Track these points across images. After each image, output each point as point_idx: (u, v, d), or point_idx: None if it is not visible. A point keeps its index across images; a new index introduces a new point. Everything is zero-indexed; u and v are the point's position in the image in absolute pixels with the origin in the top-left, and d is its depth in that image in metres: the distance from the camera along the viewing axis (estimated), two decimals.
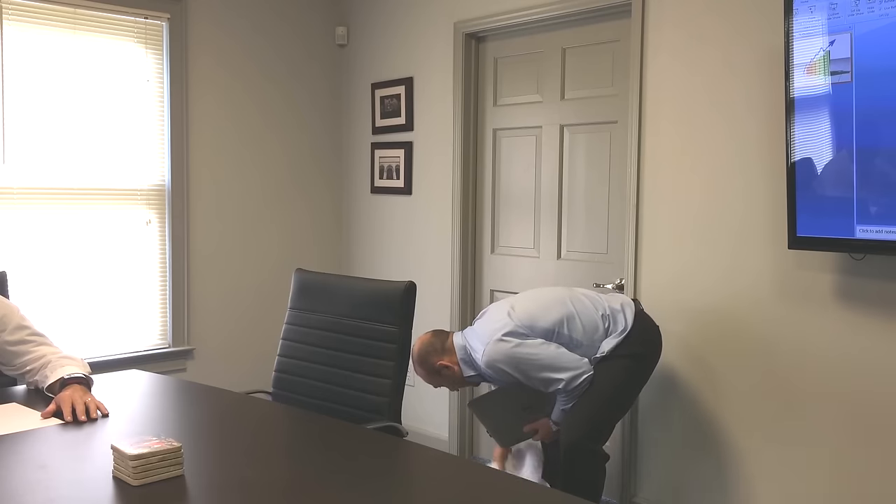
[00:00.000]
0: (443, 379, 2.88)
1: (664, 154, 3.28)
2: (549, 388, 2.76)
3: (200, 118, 4.20)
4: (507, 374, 2.74)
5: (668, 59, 3.25)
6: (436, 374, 2.86)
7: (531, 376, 2.74)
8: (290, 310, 2.80)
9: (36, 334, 2.34)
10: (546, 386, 2.76)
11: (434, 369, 2.84)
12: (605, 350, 2.80)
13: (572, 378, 2.73)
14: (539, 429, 2.90)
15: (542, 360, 2.74)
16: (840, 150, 2.59)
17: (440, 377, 2.87)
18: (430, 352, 2.85)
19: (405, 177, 4.39)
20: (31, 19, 3.63)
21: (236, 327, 4.37)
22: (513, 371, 2.73)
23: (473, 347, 2.81)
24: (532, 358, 2.73)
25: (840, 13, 2.53)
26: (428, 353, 2.85)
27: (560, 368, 2.74)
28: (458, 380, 2.88)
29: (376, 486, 1.69)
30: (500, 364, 2.73)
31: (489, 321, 2.84)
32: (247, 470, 1.73)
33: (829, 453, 2.86)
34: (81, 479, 1.70)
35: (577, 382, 2.74)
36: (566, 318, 2.80)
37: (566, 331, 2.79)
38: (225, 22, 4.28)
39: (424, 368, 2.86)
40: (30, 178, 3.67)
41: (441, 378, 2.88)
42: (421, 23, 4.27)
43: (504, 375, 2.75)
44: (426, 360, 2.85)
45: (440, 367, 2.84)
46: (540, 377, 2.74)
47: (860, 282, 2.76)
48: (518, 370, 2.73)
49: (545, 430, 2.90)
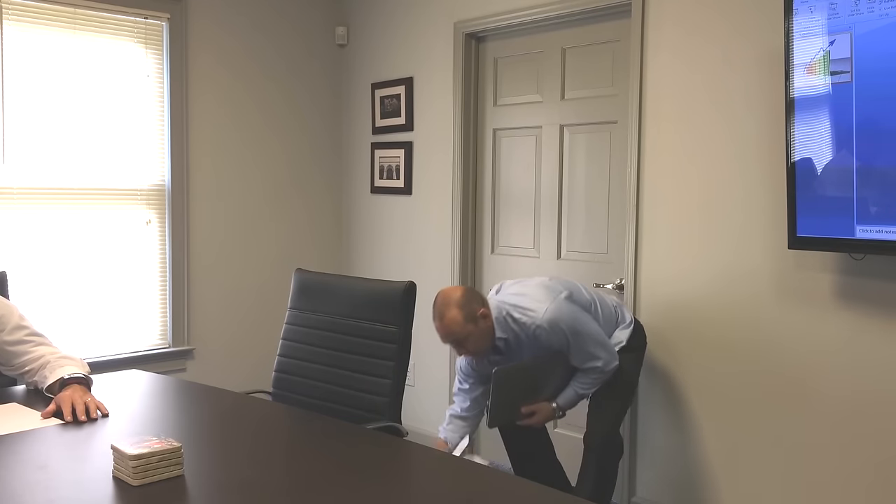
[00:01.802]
0: (474, 331, 2.66)
1: (664, 154, 3.28)
2: (587, 363, 2.76)
3: (200, 118, 4.20)
4: (559, 336, 2.70)
5: (669, 58, 3.25)
6: (472, 322, 2.65)
7: (580, 345, 2.72)
8: (290, 310, 2.80)
9: (35, 334, 2.34)
10: (585, 360, 2.77)
11: (474, 315, 2.65)
12: (623, 340, 2.91)
13: (609, 361, 2.78)
14: (537, 412, 2.83)
15: (594, 334, 2.77)
16: (840, 150, 2.58)
17: (473, 327, 2.65)
18: (473, 297, 2.71)
19: (405, 177, 4.39)
20: (31, 19, 3.63)
21: (236, 327, 4.37)
22: (569, 334, 2.70)
23: (523, 307, 2.72)
24: (588, 328, 2.75)
25: (840, 13, 2.53)
26: (471, 299, 2.69)
27: (606, 347, 2.79)
28: (488, 336, 2.72)
29: (376, 486, 1.69)
30: (561, 324, 2.69)
31: (536, 287, 2.80)
32: (247, 470, 1.73)
33: (830, 453, 2.86)
34: (81, 479, 1.70)
35: (611, 367, 2.78)
36: (595, 300, 2.92)
37: (597, 311, 2.88)
38: (225, 22, 4.28)
39: (464, 313, 2.64)
40: (30, 178, 3.67)
41: (473, 329, 2.66)
42: (421, 23, 4.27)
43: (553, 337, 2.70)
44: (469, 303, 2.67)
45: (482, 314, 2.67)
46: (588, 350, 2.74)
47: (860, 282, 2.76)
48: (574, 333, 2.70)
49: (544, 413, 2.83)
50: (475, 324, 2.66)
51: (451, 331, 2.65)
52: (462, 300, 2.66)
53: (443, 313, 2.65)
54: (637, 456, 3.43)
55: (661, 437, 3.34)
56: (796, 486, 2.95)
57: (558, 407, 2.84)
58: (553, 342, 2.73)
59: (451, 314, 2.64)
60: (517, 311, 2.73)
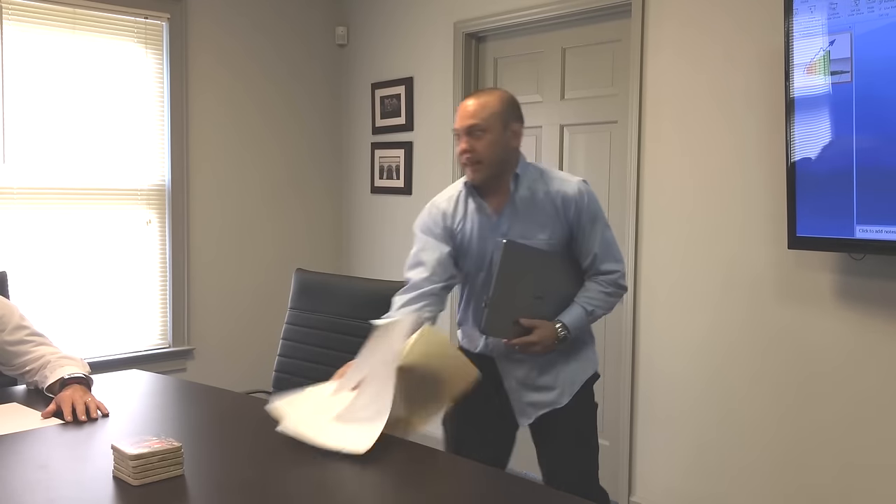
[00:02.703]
0: (498, 135, 2.19)
1: (664, 154, 3.28)
2: (606, 262, 2.29)
3: (200, 118, 4.20)
4: (584, 209, 2.24)
5: (668, 58, 3.25)
6: (501, 122, 2.19)
7: (604, 233, 2.28)
8: (291, 310, 2.80)
9: (35, 334, 2.34)
10: (605, 258, 2.29)
11: (508, 120, 2.21)
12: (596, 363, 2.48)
13: (624, 276, 2.34)
14: (537, 328, 2.20)
15: (610, 229, 2.34)
16: (840, 150, 2.58)
17: (500, 129, 2.19)
18: (518, 110, 2.27)
19: (405, 177, 4.39)
20: (31, 19, 3.63)
21: (236, 327, 4.37)
22: (597, 213, 2.27)
23: (552, 174, 2.30)
24: (610, 231, 2.33)
25: (840, 13, 2.53)
26: (516, 108, 2.26)
27: (620, 251, 2.36)
28: (504, 155, 2.21)
29: (376, 485, 1.69)
30: (590, 199, 2.26)
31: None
32: (247, 470, 1.73)
33: (830, 453, 2.86)
34: (81, 479, 1.70)
35: (623, 286, 2.34)
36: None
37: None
38: (225, 22, 4.28)
39: (502, 108, 2.20)
40: (30, 178, 3.67)
41: (500, 131, 2.20)
42: (421, 23, 4.27)
43: (577, 207, 2.23)
44: (513, 109, 2.24)
45: (514, 130, 2.23)
46: (610, 243, 2.31)
47: (860, 282, 2.76)
48: (601, 217, 2.29)
49: (545, 332, 2.21)
50: (503, 127, 2.20)
51: (477, 112, 2.19)
52: (508, 100, 2.24)
53: (480, 94, 2.26)
54: (637, 456, 3.43)
55: (661, 437, 3.34)
56: (796, 485, 2.95)
57: (564, 327, 2.23)
58: (571, 216, 2.23)
59: (488, 98, 2.22)
60: (547, 170, 2.32)
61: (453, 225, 2.30)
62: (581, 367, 2.34)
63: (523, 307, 2.22)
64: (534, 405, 2.32)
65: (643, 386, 3.36)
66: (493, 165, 2.20)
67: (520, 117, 2.26)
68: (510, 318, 2.20)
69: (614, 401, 3.49)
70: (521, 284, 2.21)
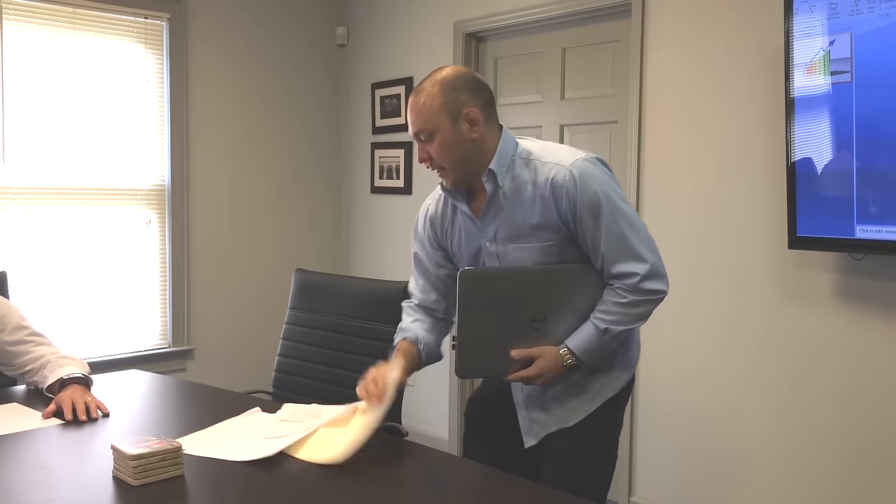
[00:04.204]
0: (448, 132, 1.83)
1: (664, 154, 3.28)
2: (619, 264, 1.82)
3: (200, 118, 4.20)
4: (585, 201, 1.81)
5: (670, 53, 3.25)
6: (447, 116, 1.82)
7: (615, 225, 1.81)
8: (291, 310, 2.80)
9: (35, 334, 2.34)
10: (618, 258, 1.82)
11: (456, 110, 1.82)
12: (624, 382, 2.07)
13: (655, 273, 1.84)
14: (537, 357, 1.84)
15: (636, 220, 1.85)
16: (840, 149, 2.58)
17: (449, 125, 1.82)
18: (468, 87, 1.85)
19: (405, 177, 4.39)
20: (31, 19, 3.63)
21: (236, 327, 4.37)
22: (602, 198, 1.81)
23: (547, 150, 1.92)
24: (630, 209, 1.86)
25: (840, 13, 2.52)
26: (464, 88, 1.84)
27: (654, 249, 1.86)
28: (466, 151, 1.85)
29: (376, 486, 1.69)
30: (593, 182, 1.82)
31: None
32: (247, 470, 1.73)
33: (830, 453, 2.86)
34: (81, 479, 1.70)
35: (655, 287, 1.85)
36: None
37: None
38: (225, 22, 4.28)
39: (444, 98, 1.82)
40: (30, 178, 3.67)
41: (448, 128, 1.83)
42: (421, 22, 4.27)
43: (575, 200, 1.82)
44: (457, 91, 1.83)
45: (468, 115, 1.83)
46: (625, 236, 1.82)
47: (860, 282, 2.76)
48: (609, 201, 1.82)
49: (546, 363, 1.84)
50: (453, 122, 1.83)
51: (419, 114, 1.84)
52: (450, 81, 1.84)
53: (419, 88, 1.86)
54: (637, 456, 3.43)
55: (661, 437, 3.34)
56: (796, 485, 2.95)
57: (570, 353, 1.84)
58: (563, 210, 1.83)
59: (427, 92, 1.84)
60: (537, 152, 1.90)
61: (442, 230, 2.04)
62: (604, 381, 1.94)
63: (516, 336, 1.85)
64: (540, 423, 1.96)
65: (643, 386, 3.36)
66: (457, 167, 1.87)
67: (474, 96, 1.84)
68: (498, 353, 1.85)
69: None
70: (504, 312, 1.86)
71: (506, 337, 1.86)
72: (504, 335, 1.86)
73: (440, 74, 1.87)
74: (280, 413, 2.08)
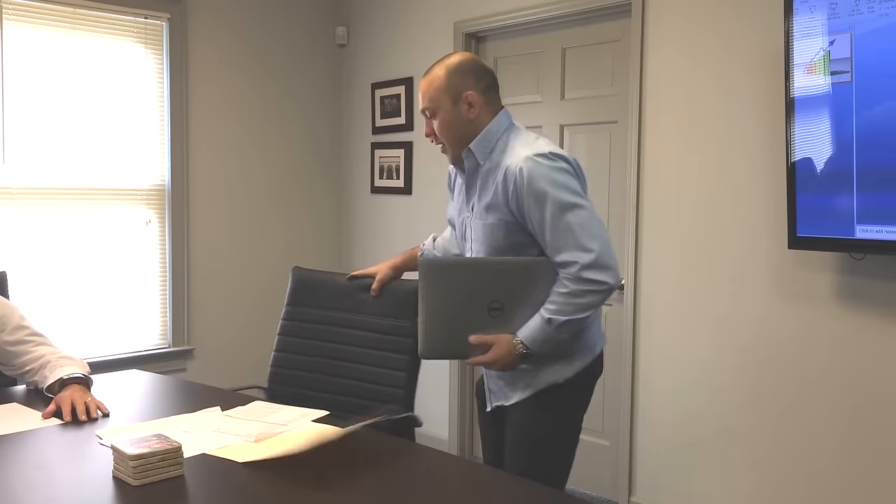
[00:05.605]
0: (449, 111, 2.05)
1: (664, 154, 3.28)
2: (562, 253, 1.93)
3: (200, 118, 4.20)
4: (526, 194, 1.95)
5: (668, 58, 3.25)
6: (449, 97, 2.04)
7: (558, 218, 1.92)
8: (287, 306, 2.79)
9: (35, 334, 2.34)
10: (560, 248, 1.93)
11: (458, 91, 2.04)
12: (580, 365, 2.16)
13: (600, 263, 1.90)
14: (493, 344, 1.99)
15: (581, 209, 1.94)
16: (840, 149, 2.58)
17: (450, 104, 2.04)
18: (474, 73, 2.07)
19: (405, 177, 4.39)
20: (31, 19, 3.63)
21: (236, 327, 4.37)
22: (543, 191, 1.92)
23: (525, 142, 2.03)
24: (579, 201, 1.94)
25: (840, 13, 2.53)
26: (469, 73, 2.06)
27: (602, 240, 1.93)
28: (461, 129, 2.06)
29: (376, 486, 1.69)
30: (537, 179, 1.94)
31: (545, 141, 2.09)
32: (247, 470, 1.73)
33: (829, 454, 2.86)
34: (81, 479, 1.70)
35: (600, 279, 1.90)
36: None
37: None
38: (225, 22, 4.28)
39: (449, 81, 2.04)
40: (30, 178, 3.67)
41: (449, 107, 2.05)
42: (421, 23, 4.27)
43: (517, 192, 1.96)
44: (463, 76, 2.05)
45: (468, 98, 2.04)
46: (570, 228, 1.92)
47: (860, 282, 2.76)
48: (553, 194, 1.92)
49: (501, 350, 1.98)
50: (454, 102, 2.04)
51: (425, 92, 2.08)
52: (456, 67, 2.06)
53: (430, 69, 2.10)
54: (637, 456, 3.43)
55: (661, 437, 3.34)
56: (795, 485, 2.95)
57: (521, 342, 1.97)
58: (510, 197, 1.98)
59: (435, 73, 2.08)
60: (514, 141, 2.05)
61: (452, 188, 2.31)
62: (543, 370, 2.03)
63: (475, 323, 1.99)
64: (494, 394, 2.14)
65: (643, 386, 3.36)
66: (456, 144, 2.09)
67: (475, 81, 2.05)
68: (459, 338, 1.99)
69: (614, 401, 3.49)
70: (464, 299, 1.99)
71: (465, 323, 2.00)
72: (464, 321, 2.00)
73: (448, 60, 2.11)
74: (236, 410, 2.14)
